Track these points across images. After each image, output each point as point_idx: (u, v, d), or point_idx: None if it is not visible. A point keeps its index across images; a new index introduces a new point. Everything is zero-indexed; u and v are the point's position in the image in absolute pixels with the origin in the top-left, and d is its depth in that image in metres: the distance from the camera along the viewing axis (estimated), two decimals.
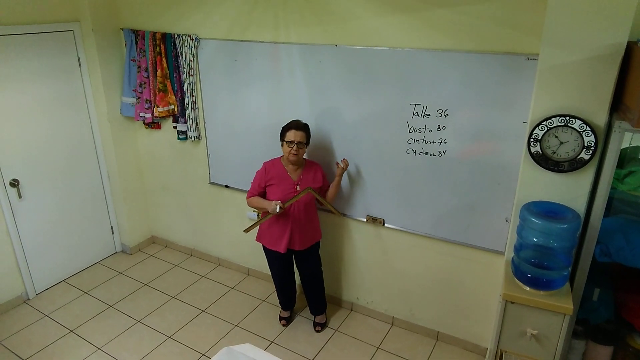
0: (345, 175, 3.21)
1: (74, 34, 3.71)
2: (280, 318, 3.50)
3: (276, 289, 3.45)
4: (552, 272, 2.24)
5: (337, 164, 3.08)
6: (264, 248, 3.22)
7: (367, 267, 3.44)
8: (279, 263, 3.26)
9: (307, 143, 3.02)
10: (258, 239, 3.21)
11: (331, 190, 3.13)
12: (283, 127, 2.99)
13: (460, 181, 2.83)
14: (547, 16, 2.07)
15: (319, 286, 3.36)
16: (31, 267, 3.76)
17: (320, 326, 3.42)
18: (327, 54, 2.99)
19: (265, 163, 3.13)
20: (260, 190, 3.09)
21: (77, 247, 4.10)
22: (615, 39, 1.98)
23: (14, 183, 3.52)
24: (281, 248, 3.08)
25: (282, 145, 3.00)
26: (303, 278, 3.33)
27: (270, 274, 3.95)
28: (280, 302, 3.50)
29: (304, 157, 3.12)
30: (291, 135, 2.92)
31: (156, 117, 3.87)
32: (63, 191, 3.88)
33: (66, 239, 3.99)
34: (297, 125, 2.95)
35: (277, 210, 2.87)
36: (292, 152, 2.92)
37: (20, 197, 3.58)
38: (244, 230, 3.05)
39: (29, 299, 3.78)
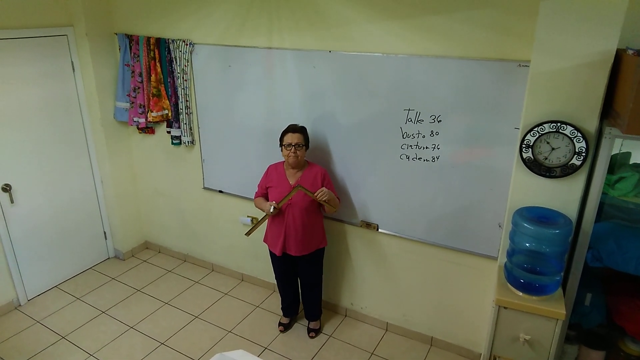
0: (340, 179, 3.22)
1: (67, 38, 3.70)
2: (280, 324, 3.49)
3: (279, 293, 3.44)
4: (544, 277, 2.25)
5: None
6: (269, 248, 3.26)
7: (361, 273, 3.44)
8: (277, 265, 3.28)
9: (307, 145, 3.03)
10: (264, 239, 3.25)
11: (325, 208, 3.03)
12: (281, 132, 3.02)
13: (453, 187, 2.85)
14: (539, 23, 2.09)
15: (316, 293, 3.36)
16: (23, 273, 3.73)
17: (314, 332, 3.41)
18: (321, 59, 3.01)
19: (269, 166, 3.18)
20: (263, 192, 3.18)
21: (70, 252, 4.07)
22: (605, 47, 2.01)
23: (6, 188, 3.49)
24: (277, 250, 3.11)
25: (281, 150, 3.03)
26: (301, 283, 3.33)
27: (266, 280, 3.97)
28: (281, 307, 3.49)
29: (307, 161, 3.13)
30: (288, 138, 2.96)
31: (150, 122, 3.86)
32: (56, 196, 3.86)
33: (58, 244, 3.96)
34: (294, 128, 2.99)
35: (271, 210, 2.96)
36: (291, 154, 2.95)
37: (12, 202, 3.55)
38: (246, 234, 3.07)
39: (20, 305, 3.75)
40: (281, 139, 3.02)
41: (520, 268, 2.29)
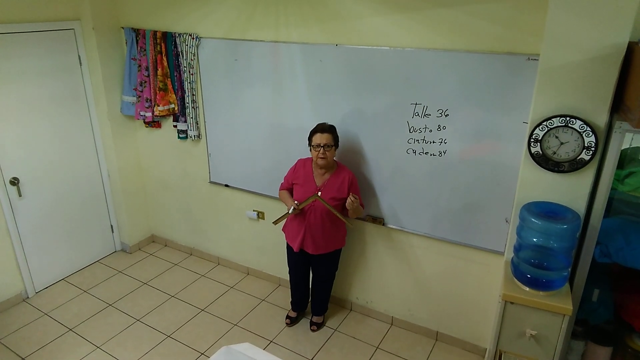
0: None
1: (74, 32, 3.71)
2: (287, 317, 3.49)
3: (290, 286, 3.45)
4: (551, 273, 2.24)
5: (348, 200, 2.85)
6: (286, 240, 3.26)
7: (367, 267, 3.44)
8: (294, 259, 3.27)
9: (336, 145, 2.96)
10: (284, 228, 3.24)
11: (349, 212, 2.95)
12: (310, 132, 2.96)
13: (460, 181, 2.83)
14: (549, 16, 2.07)
15: (325, 290, 3.37)
16: (31, 266, 3.76)
17: (315, 326, 3.42)
18: (328, 53, 2.99)
19: (299, 160, 3.14)
20: (289, 186, 3.15)
21: (77, 245, 4.10)
22: (617, 39, 1.98)
23: (14, 181, 3.52)
24: (295, 246, 3.11)
25: (310, 150, 2.97)
26: (313, 277, 3.34)
27: (271, 274, 3.98)
28: (291, 301, 3.50)
29: (337, 161, 3.08)
30: (317, 138, 2.89)
31: (156, 116, 3.87)
32: (63, 189, 3.88)
33: (66, 237, 3.99)
34: (323, 128, 2.91)
35: (291, 211, 2.94)
36: (320, 155, 2.88)
37: (20, 195, 3.58)
38: (273, 222, 3.07)
39: (28, 297, 3.78)
40: (310, 139, 2.95)
41: (527, 263, 2.28)
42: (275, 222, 3.05)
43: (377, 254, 3.35)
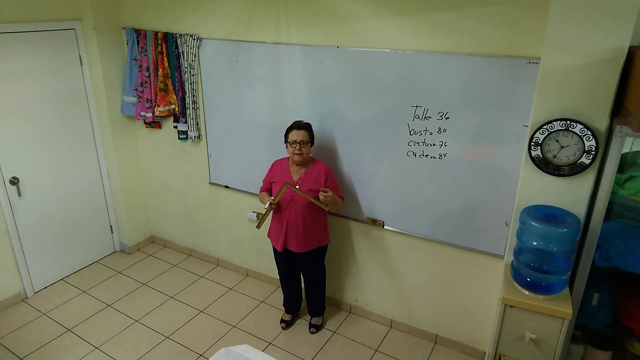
0: (346, 176, 3.21)
1: (75, 32, 3.71)
2: (282, 320, 3.49)
3: (282, 289, 3.45)
4: (551, 277, 2.23)
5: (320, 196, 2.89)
6: (271, 244, 3.27)
7: (366, 269, 3.44)
8: (279, 261, 3.28)
9: (312, 142, 3.02)
10: (268, 234, 3.25)
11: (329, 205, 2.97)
12: (286, 129, 3.01)
13: (460, 184, 2.83)
14: (549, 20, 2.07)
15: (318, 290, 3.36)
16: (30, 266, 3.76)
17: (315, 328, 3.41)
18: (329, 55, 2.99)
19: (275, 161, 3.18)
20: (267, 187, 3.19)
21: (76, 245, 4.10)
22: (617, 44, 1.98)
23: (14, 181, 3.52)
24: (278, 246, 3.12)
25: (286, 147, 3.01)
26: (304, 278, 3.34)
27: (271, 275, 3.97)
28: (283, 304, 3.49)
29: (312, 157, 3.12)
30: (293, 135, 2.94)
31: (157, 116, 3.87)
32: (63, 190, 3.88)
33: (65, 237, 3.99)
34: (299, 125, 2.97)
35: (267, 206, 2.98)
36: (296, 151, 2.94)
37: (20, 195, 3.57)
38: (256, 227, 3.09)
39: (27, 297, 3.78)
40: (286, 136, 3.00)
41: (527, 267, 2.28)
42: (258, 226, 3.09)
43: (377, 256, 3.35)
